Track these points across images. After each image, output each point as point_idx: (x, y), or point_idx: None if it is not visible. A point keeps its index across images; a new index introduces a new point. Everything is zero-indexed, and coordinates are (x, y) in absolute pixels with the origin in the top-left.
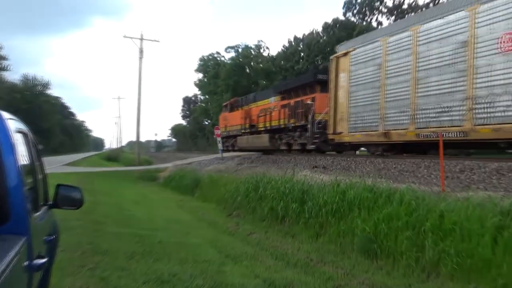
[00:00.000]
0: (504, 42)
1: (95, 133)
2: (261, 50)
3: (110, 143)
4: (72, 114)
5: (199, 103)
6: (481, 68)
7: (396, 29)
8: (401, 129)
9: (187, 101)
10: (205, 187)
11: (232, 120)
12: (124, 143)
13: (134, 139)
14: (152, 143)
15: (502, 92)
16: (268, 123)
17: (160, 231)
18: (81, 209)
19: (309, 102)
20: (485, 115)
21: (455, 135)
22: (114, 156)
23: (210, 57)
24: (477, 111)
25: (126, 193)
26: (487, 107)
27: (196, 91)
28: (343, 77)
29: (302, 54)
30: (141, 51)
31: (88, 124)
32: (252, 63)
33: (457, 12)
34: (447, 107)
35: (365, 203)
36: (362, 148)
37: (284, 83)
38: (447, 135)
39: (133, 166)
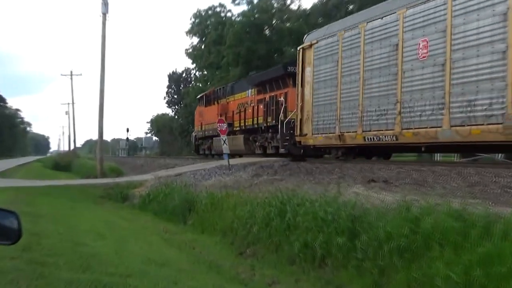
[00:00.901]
0: (420, 48)
1: (37, 128)
2: (288, 1)
3: (59, 144)
4: (1, 99)
5: (193, 82)
6: (406, 72)
7: (350, 24)
8: (352, 132)
9: (175, 79)
10: (203, 211)
11: (208, 116)
12: (79, 143)
13: (94, 137)
14: (123, 144)
15: (419, 98)
16: (243, 121)
17: (135, 277)
18: (18, 244)
19: (280, 98)
20: (408, 119)
21: (390, 138)
22: (64, 163)
23: (210, 11)
24: (403, 115)
25: (84, 219)
26: (409, 111)
27: (188, 63)
28: (308, 71)
29: (351, 6)
30: (105, 4)
31: (26, 115)
32: (274, 21)
33: (392, 14)
34: (384, 110)
35: (450, 237)
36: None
37: (259, 73)
38: (384, 139)
39: (94, 179)
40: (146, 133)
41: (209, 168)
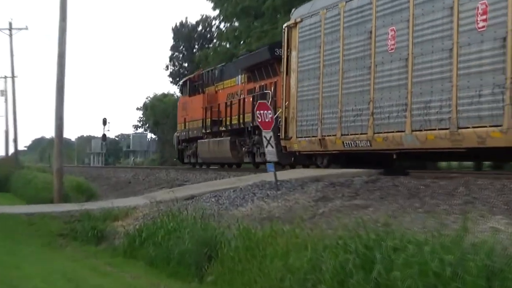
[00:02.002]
0: (389, 39)
1: None
2: None
3: None
4: None
5: (214, 40)
6: (378, 66)
7: (332, 2)
8: (332, 135)
9: (185, 35)
10: (232, 260)
11: (192, 110)
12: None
13: (49, 134)
14: (97, 145)
15: (388, 96)
16: (229, 119)
17: None
18: None
19: (267, 90)
20: (379, 122)
21: (364, 144)
22: None
23: None
24: (375, 116)
25: (30, 274)
26: (380, 112)
27: (207, 9)
28: (294, 57)
29: None
30: None
31: None
32: None
33: None
34: (360, 109)
35: None
36: None
37: (248, 55)
38: (360, 144)
39: (48, 205)
40: (136, 127)
41: (243, 187)
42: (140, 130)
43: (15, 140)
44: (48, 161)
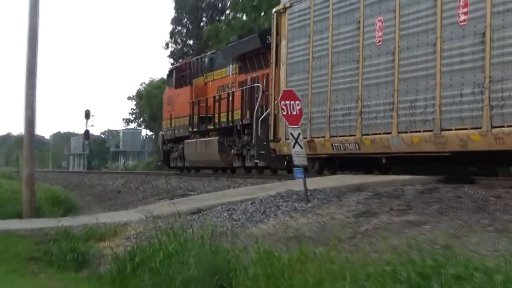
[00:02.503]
0: (377, 30)
1: None
2: None
3: None
4: None
5: (227, 11)
6: (366, 60)
7: None
8: (321, 137)
9: (190, 6)
10: None
11: (178, 104)
12: None
13: (16, 131)
14: (77, 144)
15: (375, 94)
16: (217, 116)
17: None
18: None
19: (257, 83)
20: (367, 122)
21: (353, 147)
22: None
23: None
24: (363, 116)
25: None
26: (368, 112)
27: None
28: (283, 47)
29: None
30: None
31: None
32: None
33: None
34: (348, 108)
35: None
36: None
37: (239, 41)
38: (349, 147)
39: (16, 220)
40: (128, 121)
41: (264, 198)
42: (133, 125)
43: None
44: (15, 164)
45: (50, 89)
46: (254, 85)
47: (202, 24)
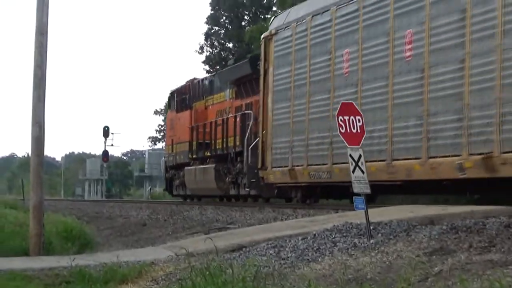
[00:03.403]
0: (344, 61)
1: None
2: None
3: None
4: None
5: (276, 6)
6: (336, 89)
7: (302, 15)
8: (300, 165)
9: (229, 2)
10: None
11: (179, 129)
12: None
13: (20, 151)
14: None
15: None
16: (214, 142)
17: None
18: None
19: (247, 110)
20: (336, 151)
21: (326, 175)
22: None
23: None
24: (334, 145)
25: None
26: (337, 141)
27: None
28: (271, 74)
29: None
30: None
31: None
32: None
33: (325, 11)
34: (322, 137)
35: None
36: None
37: (232, 66)
38: (322, 176)
39: (22, 258)
40: (154, 140)
41: (317, 232)
42: (160, 145)
43: None
44: (20, 191)
45: (62, 103)
46: (245, 112)
47: (243, 23)
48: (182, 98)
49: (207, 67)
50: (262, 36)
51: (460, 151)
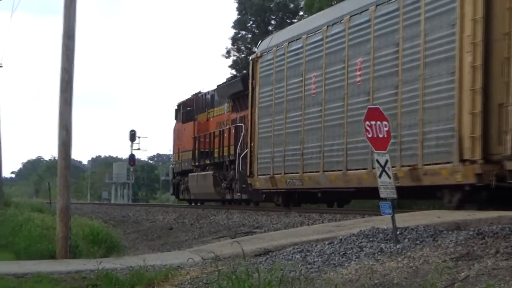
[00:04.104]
0: (312, 84)
1: None
2: None
3: None
4: None
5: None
6: (306, 108)
7: (281, 41)
8: (279, 174)
9: (256, 6)
10: None
11: (184, 139)
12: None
13: (46, 154)
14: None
15: (310, 138)
16: (213, 151)
17: None
18: None
19: (239, 123)
20: (306, 162)
21: (298, 183)
22: None
23: None
24: (305, 156)
25: None
26: (306, 153)
27: None
28: (257, 91)
29: None
30: None
31: None
32: None
33: (298, 39)
34: (295, 149)
35: None
36: None
37: (228, 83)
38: (295, 183)
39: (49, 261)
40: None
41: (344, 237)
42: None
43: None
44: (47, 195)
45: (88, 107)
46: (238, 124)
47: (270, 28)
48: (188, 110)
49: (233, 72)
50: (250, 58)
51: (395, 163)
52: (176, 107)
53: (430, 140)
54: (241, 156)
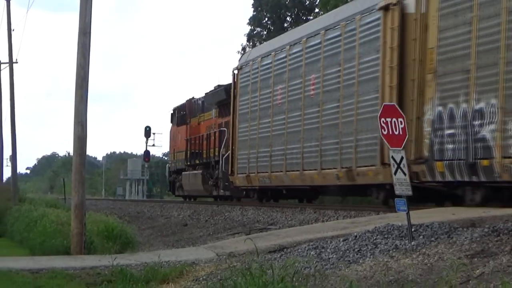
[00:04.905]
0: (279, 95)
1: None
2: None
3: None
4: None
5: (318, 7)
6: (274, 116)
7: (255, 56)
8: (253, 173)
9: (271, 3)
10: None
11: (179, 141)
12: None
13: (61, 150)
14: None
15: (276, 142)
16: (202, 152)
17: None
18: None
19: (223, 128)
20: (273, 163)
21: (268, 181)
22: None
23: None
24: (272, 158)
25: None
26: (274, 155)
27: None
28: (238, 100)
29: None
30: None
31: None
32: None
33: (268, 55)
34: (265, 151)
35: None
36: None
37: (213, 91)
38: (265, 181)
39: (63, 257)
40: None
41: (358, 234)
42: None
43: (13, 159)
44: (61, 191)
45: (104, 103)
46: (222, 129)
47: (285, 24)
48: (182, 115)
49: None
50: (232, 69)
51: (337, 165)
52: (172, 112)
53: (361, 146)
54: (224, 157)
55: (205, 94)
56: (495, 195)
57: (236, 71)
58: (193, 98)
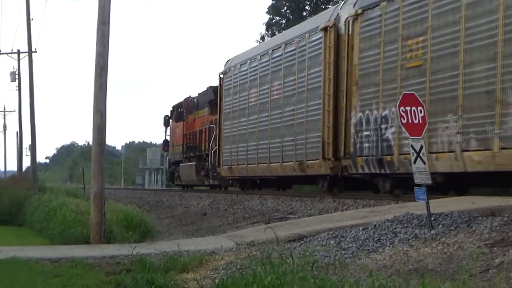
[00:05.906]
0: (253, 97)
1: None
2: None
3: None
4: None
5: None
6: (250, 115)
7: (237, 63)
8: (234, 165)
9: None
10: None
11: (177, 135)
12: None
13: (80, 139)
14: (154, 157)
15: (252, 139)
16: (195, 146)
17: None
18: None
19: (212, 125)
20: (249, 156)
21: (245, 172)
22: (7, 206)
23: None
24: (248, 152)
25: None
26: (249, 150)
27: None
28: (223, 100)
29: None
30: None
31: None
32: None
33: (245, 63)
34: (242, 146)
35: None
36: None
37: (204, 92)
38: (243, 172)
39: (83, 246)
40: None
41: (378, 223)
42: None
43: (33, 148)
44: (81, 180)
45: (123, 92)
46: (211, 125)
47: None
48: (179, 112)
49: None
50: (219, 73)
51: (293, 159)
52: (171, 109)
53: (310, 143)
54: (213, 151)
55: (198, 94)
56: (401, 184)
57: (222, 75)
58: (189, 96)
